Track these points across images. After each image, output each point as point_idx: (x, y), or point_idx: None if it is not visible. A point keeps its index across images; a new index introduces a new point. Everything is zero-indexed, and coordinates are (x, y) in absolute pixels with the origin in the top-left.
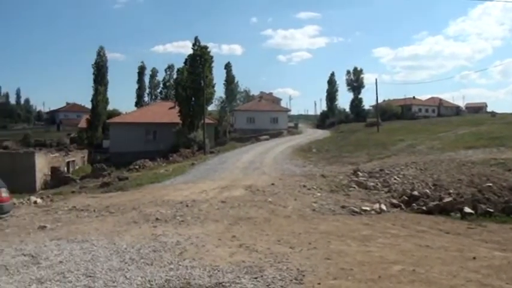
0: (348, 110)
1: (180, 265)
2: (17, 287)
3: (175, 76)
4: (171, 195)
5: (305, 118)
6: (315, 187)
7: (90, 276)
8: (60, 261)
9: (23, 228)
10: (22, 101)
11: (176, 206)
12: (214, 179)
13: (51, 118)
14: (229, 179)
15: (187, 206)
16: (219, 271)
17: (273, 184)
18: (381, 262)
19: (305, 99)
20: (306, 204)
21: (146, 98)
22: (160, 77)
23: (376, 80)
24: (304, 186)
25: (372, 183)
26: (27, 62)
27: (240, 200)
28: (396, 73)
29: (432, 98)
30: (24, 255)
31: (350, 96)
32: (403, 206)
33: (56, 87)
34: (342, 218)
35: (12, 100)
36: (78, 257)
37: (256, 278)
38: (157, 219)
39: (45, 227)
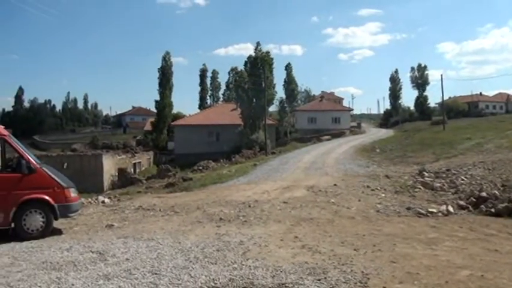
0: (412, 108)
1: (243, 265)
2: (84, 282)
3: (237, 78)
4: (234, 195)
5: (368, 117)
6: (378, 188)
7: (155, 274)
8: (127, 259)
9: (91, 227)
10: (90, 106)
11: (239, 206)
12: (276, 179)
13: (118, 121)
14: (291, 180)
15: (249, 206)
16: (282, 272)
17: (335, 185)
18: (448, 266)
19: (368, 97)
20: (370, 205)
21: (209, 101)
22: (222, 79)
23: (441, 76)
24: (368, 186)
25: (438, 184)
26: (94, 68)
27: (302, 200)
28: (461, 69)
29: (500, 93)
30: (92, 252)
31: (414, 93)
32: (470, 208)
33: (122, 91)
34: (408, 219)
35: (80, 105)
36: (144, 254)
37: (319, 280)
38: (220, 219)
39: (112, 225)
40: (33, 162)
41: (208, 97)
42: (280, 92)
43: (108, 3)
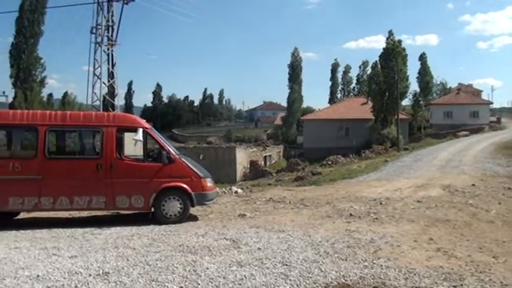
0: None
1: (374, 263)
2: (218, 267)
3: (368, 71)
4: (365, 191)
5: (509, 111)
6: None
7: (286, 265)
8: (259, 248)
9: (225, 215)
10: (224, 101)
11: (370, 203)
12: (409, 177)
13: (250, 116)
14: (425, 178)
15: (381, 203)
16: (415, 274)
17: (473, 185)
18: None
19: (509, 89)
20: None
21: (339, 95)
22: (353, 73)
23: None
24: (509, 188)
25: None
26: (229, 65)
27: (437, 200)
28: None
29: None
30: (226, 240)
31: None
32: None
33: (254, 87)
34: None
35: (216, 100)
36: (275, 245)
37: (455, 286)
38: (350, 215)
39: (244, 215)
40: (173, 153)
41: (339, 92)
42: (414, 85)
43: (239, 3)
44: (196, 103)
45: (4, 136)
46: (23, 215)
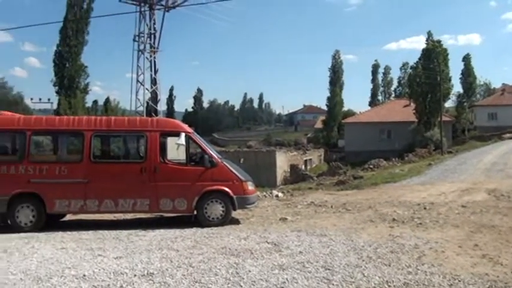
0: None
1: (418, 269)
2: (260, 270)
3: (409, 73)
4: (408, 196)
5: None
6: None
7: (328, 269)
8: (300, 252)
9: (266, 219)
10: (264, 105)
11: (413, 208)
12: (453, 180)
13: (290, 120)
14: (469, 182)
15: (424, 208)
16: (460, 281)
17: None
18: None
19: None
20: None
21: (380, 97)
22: (394, 74)
23: None
24: None
25: None
26: (268, 69)
27: (482, 205)
28: None
29: None
30: (268, 243)
31: None
32: None
33: (294, 91)
34: None
35: (255, 104)
36: (317, 249)
37: None
38: (394, 219)
39: (286, 218)
40: (215, 157)
41: (379, 94)
42: (457, 86)
43: (278, 6)
44: (236, 107)
45: (51, 141)
46: (69, 217)
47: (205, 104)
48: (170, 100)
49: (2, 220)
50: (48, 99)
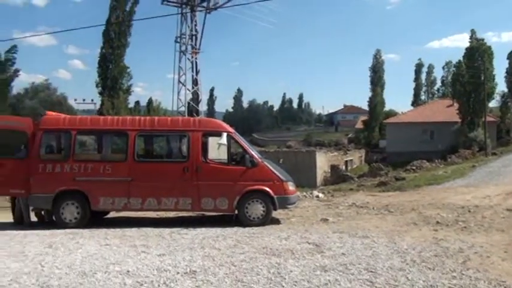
0: None
1: (463, 274)
2: (302, 270)
3: (452, 72)
4: (452, 198)
5: None
6: None
7: (371, 272)
8: (343, 253)
9: (307, 219)
10: (304, 105)
11: (457, 211)
12: (498, 183)
13: (330, 120)
14: None
15: (469, 211)
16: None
17: None
18: None
19: None
20: None
21: (423, 97)
22: (437, 74)
23: None
24: None
25: None
26: (308, 69)
27: None
28: None
29: None
30: (309, 244)
31: None
32: None
33: (334, 90)
34: None
35: (295, 105)
36: (360, 251)
37: None
38: (437, 222)
39: (327, 219)
40: (256, 156)
41: (422, 93)
42: (501, 85)
43: (318, 6)
44: (275, 108)
45: (95, 140)
46: (112, 214)
47: (245, 104)
48: (211, 100)
49: (48, 217)
50: (92, 100)
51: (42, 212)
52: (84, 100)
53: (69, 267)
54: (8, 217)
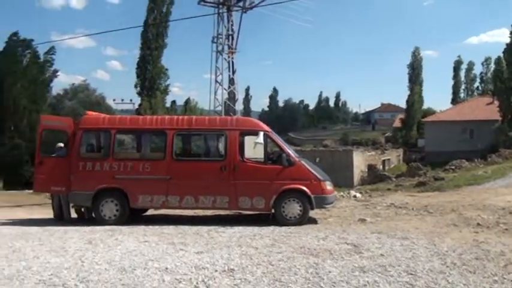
0: None
1: (505, 279)
2: (341, 271)
3: (492, 68)
4: (492, 199)
5: None
6: None
7: (411, 274)
8: (381, 254)
9: (344, 219)
10: (340, 104)
11: (498, 212)
12: None
13: (367, 118)
14: None
15: (510, 213)
16: None
17: None
18: None
19: None
20: None
21: (462, 95)
22: (476, 70)
23: None
24: None
25: None
26: (345, 68)
27: None
28: None
29: None
30: (347, 244)
31: None
32: None
33: (371, 89)
34: None
35: (331, 103)
36: (399, 253)
37: None
38: (478, 224)
39: (365, 220)
40: (293, 156)
41: (461, 91)
42: None
43: (354, 3)
44: (311, 106)
45: (134, 139)
46: (150, 212)
47: (280, 104)
48: (246, 100)
49: (87, 213)
50: (130, 100)
51: (82, 209)
52: (122, 100)
53: (109, 263)
54: (49, 213)
